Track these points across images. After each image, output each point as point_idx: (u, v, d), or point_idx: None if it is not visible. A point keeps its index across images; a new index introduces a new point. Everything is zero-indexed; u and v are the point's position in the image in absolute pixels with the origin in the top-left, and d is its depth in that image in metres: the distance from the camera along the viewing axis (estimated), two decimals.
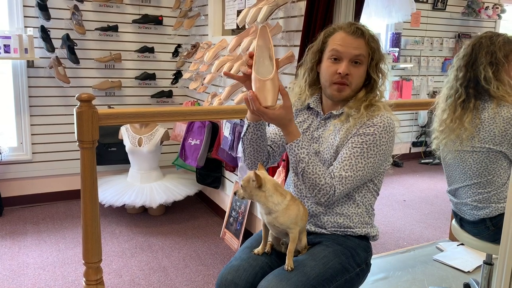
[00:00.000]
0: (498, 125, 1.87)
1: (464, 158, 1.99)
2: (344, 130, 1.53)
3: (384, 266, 2.77)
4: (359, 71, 1.52)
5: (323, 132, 1.59)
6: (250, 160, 1.60)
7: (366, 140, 1.47)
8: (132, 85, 4.19)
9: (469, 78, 1.94)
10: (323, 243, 1.54)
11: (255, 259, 1.53)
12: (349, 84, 1.52)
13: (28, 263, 2.93)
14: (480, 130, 1.91)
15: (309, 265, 1.43)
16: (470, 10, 5.76)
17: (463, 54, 1.99)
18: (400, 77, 5.65)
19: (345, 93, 1.53)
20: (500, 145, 1.88)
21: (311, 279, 1.40)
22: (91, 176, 1.83)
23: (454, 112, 1.97)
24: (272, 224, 1.46)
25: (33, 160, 3.90)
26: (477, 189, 1.98)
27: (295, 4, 2.64)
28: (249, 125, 1.52)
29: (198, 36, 4.04)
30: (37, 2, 3.60)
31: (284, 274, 1.41)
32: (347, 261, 1.50)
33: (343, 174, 1.46)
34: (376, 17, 4.98)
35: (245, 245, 1.63)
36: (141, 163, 3.72)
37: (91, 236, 1.87)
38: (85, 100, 1.77)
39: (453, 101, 1.99)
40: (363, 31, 1.52)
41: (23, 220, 3.62)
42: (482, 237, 2.03)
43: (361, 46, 1.51)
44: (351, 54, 1.50)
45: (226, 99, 3.11)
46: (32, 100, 3.82)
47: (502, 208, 1.93)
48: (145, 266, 2.93)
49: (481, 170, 1.95)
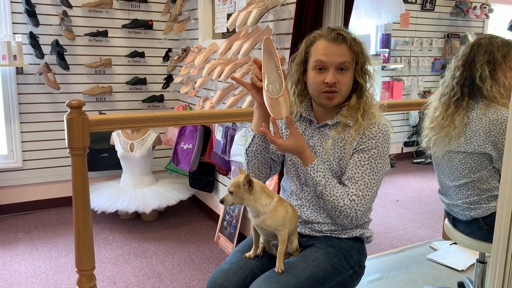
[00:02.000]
0: (483, 125, 1.89)
1: (451, 157, 2.01)
2: (344, 142, 1.53)
3: (379, 267, 2.78)
4: (346, 77, 1.52)
5: (318, 141, 1.58)
6: (254, 173, 1.63)
7: (372, 155, 1.50)
8: (123, 90, 4.17)
9: (466, 77, 1.97)
10: (316, 245, 1.54)
11: (245, 262, 1.53)
12: (339, 91, 1.52)
13: (21, 272, 2.90)
14: (467, 129, 1.93)
15: (299, 267, 1.43)
16: (458, 10, 5.82)
17: (461, 55, 2.02)
18: (390, 78, 5.68)
19: (335, 100, 1.53)
20: (484, 147, 1.89)
21: (301, 281, 1.39)
22: (82, 183, 1.82)
23: (446, 110, 2.00)
24: (261, 227, 1.46)
25: (24, 168, 3.87)
26: (466, 190, 1.99)
27: (285, 7, 2.64)
28: (254, 136, 1.55)
29: (189, 40, 4.04)
30: (26, 8, 3.58)
31: (274, 277, 1.40)
32: (339, 263, 1.50)
33: (360, 194, 1.48)
34: (365, 18, 5.01)
35: (237, 249, 1.63)
36: (133, 168, 3.71)
37: (84, 243, 1.85)
38: (75, 106, 1.76)
39: (447, 99, 2.01)
40: (344, 36, 1.51)
41: (14, 228, 3.59)
42: (475, 236, 2.04)
43: (344, 52, 1.50)
44: (335, 62, 1.49)
45: (217, 102, 3.10)
46: (22, 107, 3.78)
47: (493, 208, 1.94)
48: (139, 272, 2.91)
49: (466, 171, 1.96)
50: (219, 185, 3.63)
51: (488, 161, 1.92)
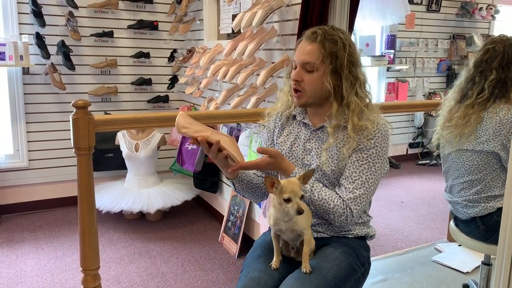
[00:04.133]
0: (493, 124, 1.90)
1: (460, 155, 2.03)
2: (343, 143, 1.50)
3: (383, 268, 2.77)
4: (310, 78, 1.49)
5: (315, 144, 1.57)
6: (253, 199, 1.66)
7: (370, 154, 1.48)
8: (128, 91, 4.19)
9: (500, 78, 1.95)
10: (330, 244, 1.54)
11: (272, 269, 1.49)
12: (302, 90, 1.51)
13: (26, 271, 2.92)
14: (478, 128, 1.94)
15: (325, 267, 1.44)
16: (464, 11, 5.80)
17: (494, 56, 1.97)
18: (395, 79, 5.67)
19: (302, 100, 1.53)
20: (492, 145, 1.91)
21: (329, 280, 1.40)
22: (88, 183, 1.82)
23: (467, 109, 1.98)
24: (291, 229, 1.44)
25: (30, 167, 3.89)
26: (469, 188, 2.01)
27: (290, 8, 2.64)
28: (233, 183, 1.57)
29: (194, 40, 4.05)
30: (32, 9, 3.60)
31: (304, 277, 1.40)
32: (354, 262, 1.52)
33: (357, 193, 1.46)
34: (370, 19, 5.00)
35: (257, 254, 1.58)
36: (138, 168, 3.72)
37: (89, 242, 1.86)
38: (81, 106, 1.77)
39: (472, 100, 1.98)
40: (317, 35, 1.47)
41: (20, 228, 3.61)
42: (474, 236, 2.06)
43: (312, 51, 1.47)
44: (300, 60, 1.50)
45: (222, 103, 3.11)
46: (28, 107, 3.81)
47: (491, 208, 1.96)
48: (144, 272, 2.92)
49: (472, 169, 1.98)
50: (224, 185, 3.63)
51: (495, 160, 1.94)
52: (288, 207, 1.36)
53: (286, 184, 1.38)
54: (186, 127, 1.42)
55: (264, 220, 2.92)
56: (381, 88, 5.64)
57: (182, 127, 1.42)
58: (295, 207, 1.35)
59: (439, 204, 4.18)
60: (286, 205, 1.37)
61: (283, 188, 1.37)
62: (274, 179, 1.38)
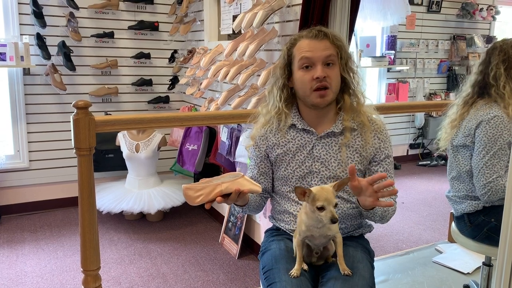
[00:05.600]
0: (470, 120, 1.99)
1: (449, 152, 2.13)
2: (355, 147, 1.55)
3: (384, 269, 2.77)
4: (334, 72, 1.51)
5: (323, 151, 1.56)
6: (256, 213, 1.75)
7: (391, 158, 1.60)
8: (128, 91, 4.19)
9: (480, 77, 2.05)
10: (350, 245, 1.55)
11: (300, 279, 1.43)
12: (330, 86, 1.50)
13: (26, 272, 2.92)
14: (461, 124, 2.04)
15: (359, 268, 1.45)
16: (464, 12, 5.80)
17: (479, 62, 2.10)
18: (396, 80, 5.67)
19: (328, 97, 1.51)
20: (465, 139, 1.99)
21: (367, 279, 1.43)
22: (88, 183, 1.82)
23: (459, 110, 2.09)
24: (324, 235, 1.42)
25: (30, 168, 3.89)
26: (458, 184, 2.09)
27: (291, 8, 2.64)
28: (243, 208, 1.59)
29: (194, 41, 4.05)
30: (33, 9, 3.60)
31: (348, 280, 1.39)
32: (369, 258, 1.57)
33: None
34: (371, 20, 5.00)
35: (284, 267, 1.48)
36: (139, 169, 3.72)
37: (89, 243, 1.86)
38: (82, 107, 1.77)
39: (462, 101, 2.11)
40: (325, 32, 1.51)
41: (20, 228, 3.61)
42: (463, 233, 2.11)
43: (328, 46, 1.49)
44: (322, 56, 1.48)
45: (223, 104, 3.11)
46: (29, 108, 3.81)
47: (476, 205, 2.01)
48: (144, 273, 2.92)
49: (455, 164, 2.07)
50: None
51: (469, 157, 2.01)
52: (321, 215, 1.34)
53: (319, 192, 1.35)
54: (198, 196, 1.36)
55: (264, 220, 2.92)
56: (382, 89, 5.65)
57: (195, 197, 1.36)
58: (329, 215, 1.32)
59: (440, 205, 4.18)
60: (320, 213, 1.34)
61: (316, 196, 1.34)
62: (304, 189, 1.36)
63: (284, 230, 1.64)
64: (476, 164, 1.92)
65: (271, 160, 1.64)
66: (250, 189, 1.38)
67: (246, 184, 1.39)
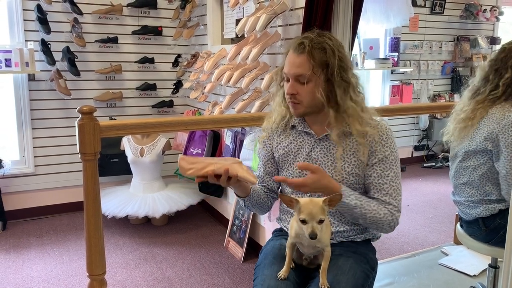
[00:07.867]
0: (488, 124, 1.90)
1: (456, 158, 2.05)
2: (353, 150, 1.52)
3: (389, 272, 2.76)
4: (305, 89, 1.49)
5: (321, 153, 1.56)
6: (260, 212, 1.72)
7: (391, 161, 1.53)
8: (133, 96, 4.21)
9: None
10: (343, 254, 1.53)
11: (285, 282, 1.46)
12: (299, 102, 1.51)
13: (33, 277, 2.93)
14: (480, 123, 1.94)
15: (342, 281, 1.42)
16: (468, 13, 5.78)
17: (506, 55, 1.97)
18: (400, 81, 5.66)
19: (299, 111, 1.54)
20: (485, 144, 1.90)
21: None
22: (93, 188, 1.83)
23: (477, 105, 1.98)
24: (312, 245, 1.41)
25: (36, 173, 3.91)
26: (470, 189, 2.01)
27: (293, 12, 2.65)
28: (244, 201, 1.59)
29: (198, 45, 4.06)
30: (37, 16, 3.63)
31: None
32: (366, 268, 1.52)
33: (393, 201, 1.50)
34: (374, 22, 5.00)
35: (269, 261, 1.54)
36: (144, 173, 3.73)
37: (95, 248, 1.87)
38: (87, 112, 1.78)
39: (484, 96, 1.98)
40: (305, 45, 1.45)
41: (26, 233, 3.62)
42: (476, 237, 2.06)
43: (303, 63, 1.46)
44: (292, 73, 1.49)
45: (226, 107, 3.12)
46: (34, 113, 3.83)
47: (492, 209, 1.95)
48: (150, 277, 2.92)
49: (470, 169, 1.99)
50: (229, 190, 3.63)
51: (490, 161, 1.93)
52: (303, 228, 1.33)
53: (306, 204, 1.32)
54: (190, 168, 1.42)
55: (269, 224, 2.92)
56: (386, 91, 5.64)
57: (187, 169, 1.42)
58: (309, 230, 1.30)
59: (445, 207, 4.16)
60: (302, 225, 1.33)
61: (301, 208, 1.32)
62: (291, 198, 1.36)
63: (286, 231, 1.65)
64: (509, 167, 1.85)
65: (276, 160, 1.68)
66: (243, 176, 1.42)
67: (240, 171, 1.42)
